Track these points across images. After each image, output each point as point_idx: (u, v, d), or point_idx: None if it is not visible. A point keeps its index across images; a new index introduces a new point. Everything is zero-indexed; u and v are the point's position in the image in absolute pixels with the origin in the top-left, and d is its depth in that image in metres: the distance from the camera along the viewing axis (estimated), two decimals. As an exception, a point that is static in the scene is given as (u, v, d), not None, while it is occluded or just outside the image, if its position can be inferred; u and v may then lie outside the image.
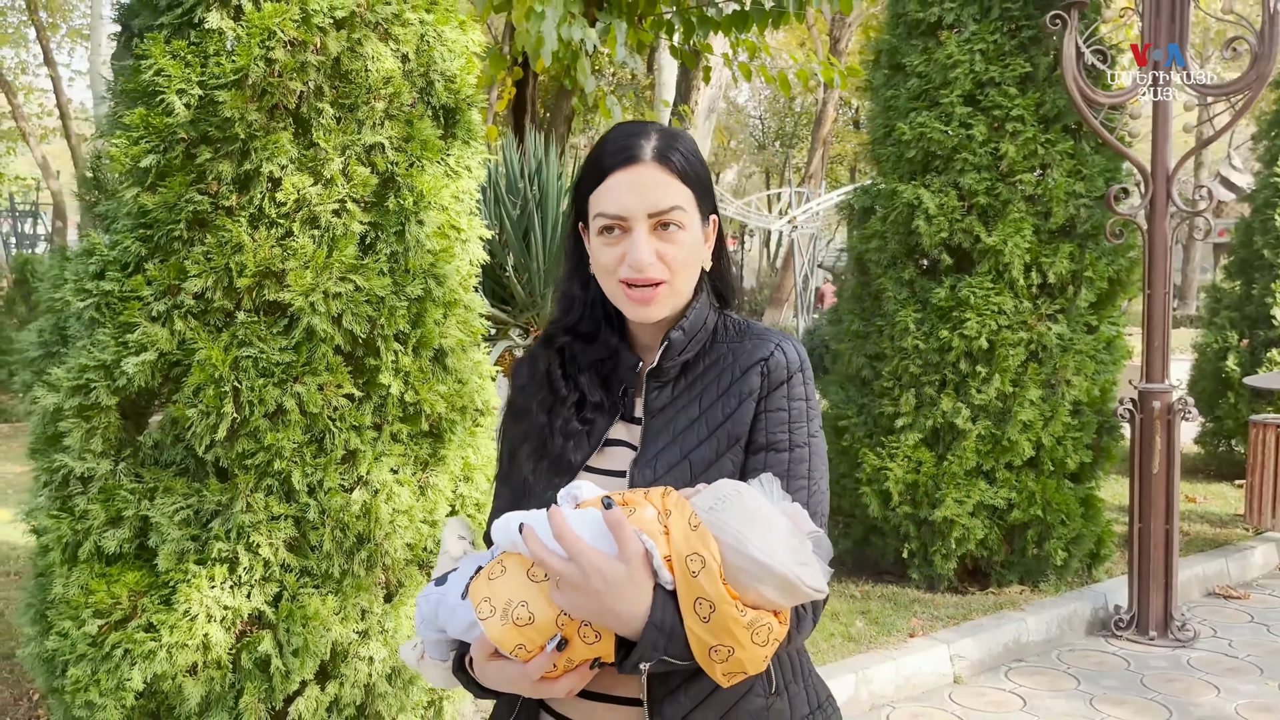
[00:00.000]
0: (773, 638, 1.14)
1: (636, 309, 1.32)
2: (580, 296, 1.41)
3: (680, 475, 1.29)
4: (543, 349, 1.44)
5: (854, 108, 27.62)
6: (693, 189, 1.32)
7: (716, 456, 1.30)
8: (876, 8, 17.28)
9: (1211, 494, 7.31)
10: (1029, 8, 4.85)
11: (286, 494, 2.47)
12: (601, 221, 1.31)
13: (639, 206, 1.29)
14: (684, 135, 1.36)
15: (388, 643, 2.60)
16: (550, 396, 1.39)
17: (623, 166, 1.30)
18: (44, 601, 2.54)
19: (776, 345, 1.34)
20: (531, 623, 1.15)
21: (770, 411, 1.32)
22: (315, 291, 2.44)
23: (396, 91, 2.60)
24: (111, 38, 2.93)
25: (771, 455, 1.31)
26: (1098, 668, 4.28)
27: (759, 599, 1.13)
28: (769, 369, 1.33)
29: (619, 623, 1.15)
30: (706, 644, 1.13)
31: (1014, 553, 4.89)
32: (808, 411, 1.33)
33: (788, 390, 1.33)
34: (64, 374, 2.41)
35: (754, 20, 6.68)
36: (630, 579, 1.13)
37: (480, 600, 1.17)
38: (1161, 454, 4.50)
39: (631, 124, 1.36)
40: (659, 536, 1.15)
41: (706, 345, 1.37)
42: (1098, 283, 4.85)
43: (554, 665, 1.17)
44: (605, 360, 1.40)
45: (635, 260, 1.28)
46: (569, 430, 1.36)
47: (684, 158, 1.32)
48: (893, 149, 5.07)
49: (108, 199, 2.65)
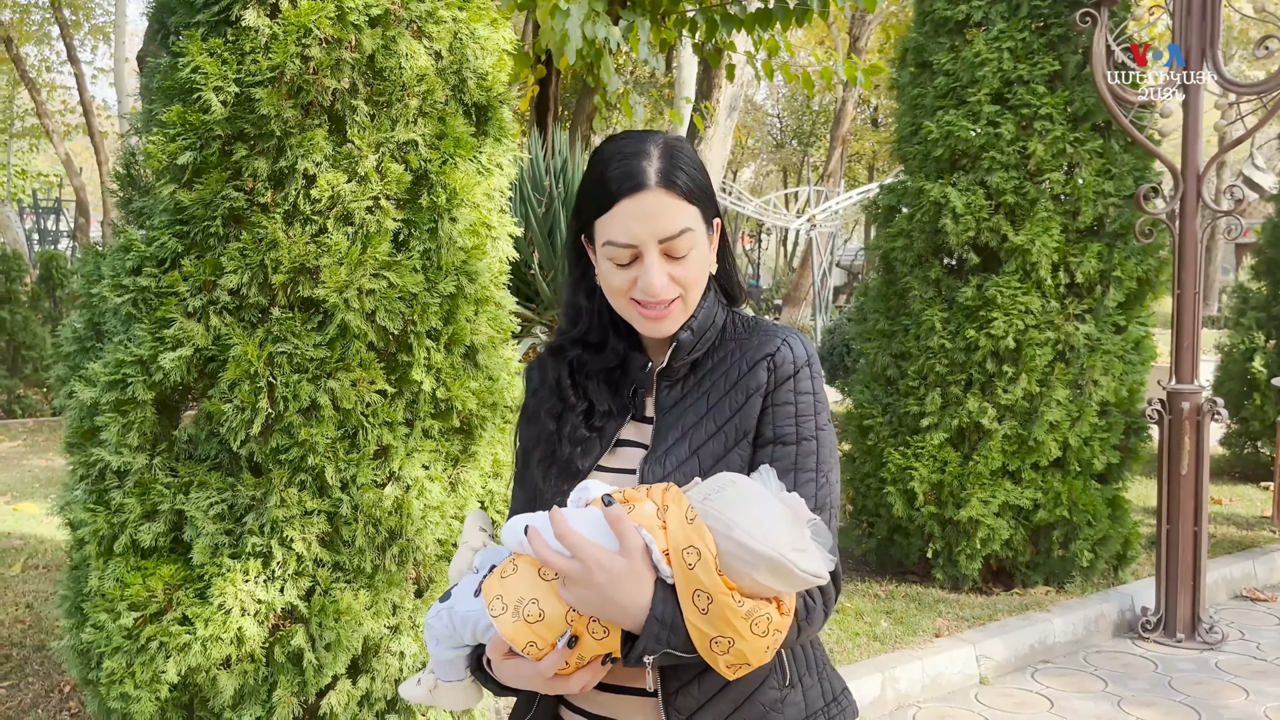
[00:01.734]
0: (773, 628, 1.15)
1: (650, 326, 1.34)
2: (586, 306, 1.42)
3: (689, 471, 1.31)
4: (552, 359, 1.46)
5: (873, 106, 27.52)
6: (698, 205, 1.33)
7: (725, 451, 1.32)
8: (897, 6, 17.21)
9: (1237, 496, 7.25)
10: (1058, 5, 4.82)
11: (319, 489, 2.48)
12: (611, 250, 1.31)
13: (649, 234, 1.29)
14: (683, 147, 1.36)
15: (419, 638, 2.61)
16: (560, 404, 1.42)
17: (629, 195, 1.29)
18: (79, 594, 2.56)
19: (783, 341, 1.35)
20: (542, 619, 1.17)
21: (777, 406, 1.33)
22: (349, 288, 2.45)
23: (430, 89, 2.61)
24: (135, 35, 2.94)
25: (779, 449, 1.32)
26: (1125, 669, 4.25)
27: (755, 586, 1.14)
28: (775, 364, 1.34)
29: (623, 615, 1.16)
30: (707, 635, 1.14)
31: (1039, 553, 4.86)
32: (815, 405, 1.34)
33: (794, 384, 1.34)
34: (101, 369, 2.43)
35: (778, 18, 6.66)
36: (631, 571, 1.15)
37: (493, 598, 1.20)
38: (1190, 455, 4.46)
39: (629, 141, 1.34)
40: (658, 531, 1.17)
41: (715, 343, 1.39)
42: (1126, 282, 4.81)
43: (566, 662, 1.19)
44: (614, 368, 1.42)
45: (648, 286, 1.30)
46: (577, 437, 1.38)
47: (687, 175, 1.32)
48: (919, 147, 5.04)
49: (143, 195, 2.67)
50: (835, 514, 1.34)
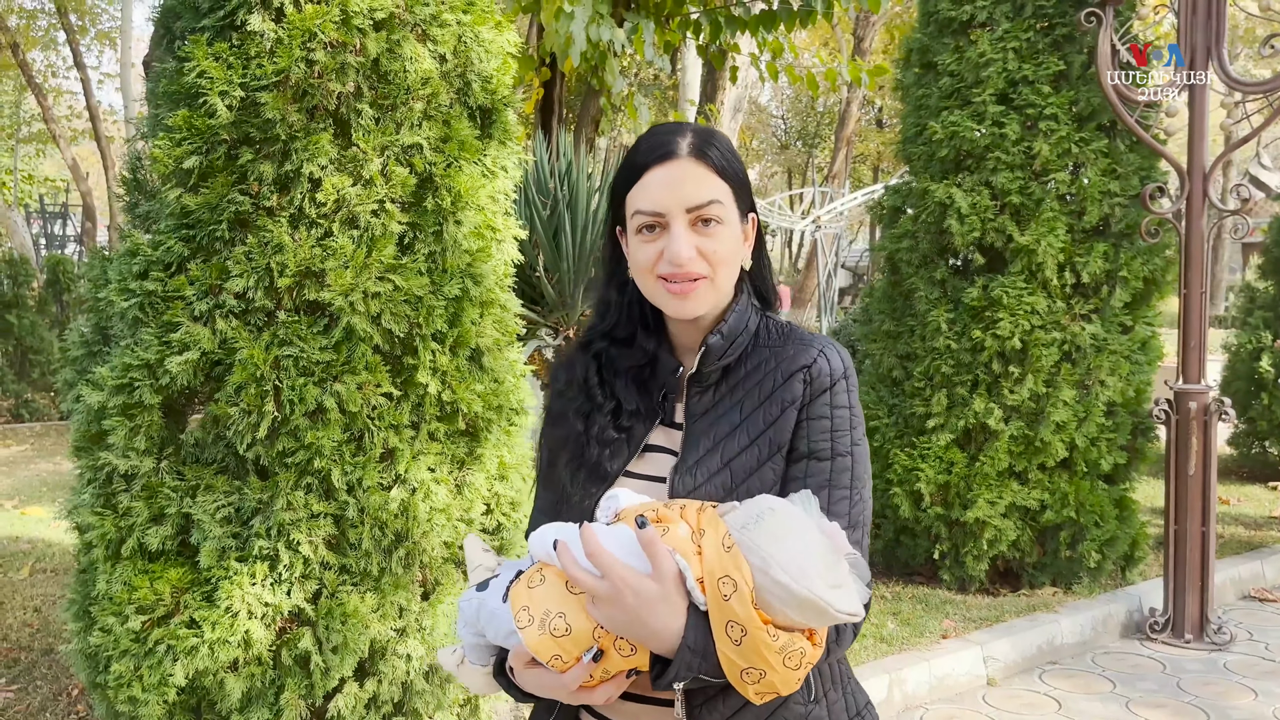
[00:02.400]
0: (805, 660, 1.13)
1: (676, 303, 1.30)
2: (617, 300, 1.40)
3: (721, 483, 1.28)
4: (579, 354, 1.43)
5: (877, 107, 27.50)
6: (730, 184, 1.31)
7: (758, 465, 1.29)
8: (901, 7, 17.20)
9: (1245, 496, 7.22)
10: (1062, 5, 4.81)
11: (326, 492, 2.48)
12: (639, 220, 1.30)
13: (676, 201, 1.28)
14: (720, 134, 1.35)
15: (425, 641, 2.61)
16: (587, 403, 1.39)
17: (659, 163, 1.29)
18: (87, 598, 2.57)
19: (820, 352, 1.32)
20: (568, 634, 1.15)
21: (812, 419, 1.30)
22: (355, 291, 2.46)
23: (434, 92, 2.61)
24: (141, 40, 2.96)
25: (813, 464, 1.29)
26: (1133, 670, 4.24)
27: (789, 621, 1.11)
28: (812, 376, 1.31)
29: (654, 639, 1.14)
30: (739, 666, 1.12)
31: (1046, 554, 4.85)
32: (850, 420, 1.31)
33: (830, 398, 1.30)
34: (108, 373, 2.44)
35: (781, 19, 6.66)
36: (663, 597, 1.13)
37: (519, 608, 1.18)
38: (1198, 455, 4.45)
39: (667, 124, 1.35)
40: (691, 556, 1.14)
41: (748, 349, 1.35)
42: (1132, 282, 4.80)
43: (590, 676, 1.17)
44: (643, 366, 1.39)
45: (674, 254, 1.27)
46: (605, 438, 1.35)
47: (721, 154, 1.31)
48: (924, 148, 5.04)
49: (149, 200, 2.68)
50: (867, 531, 1.32)
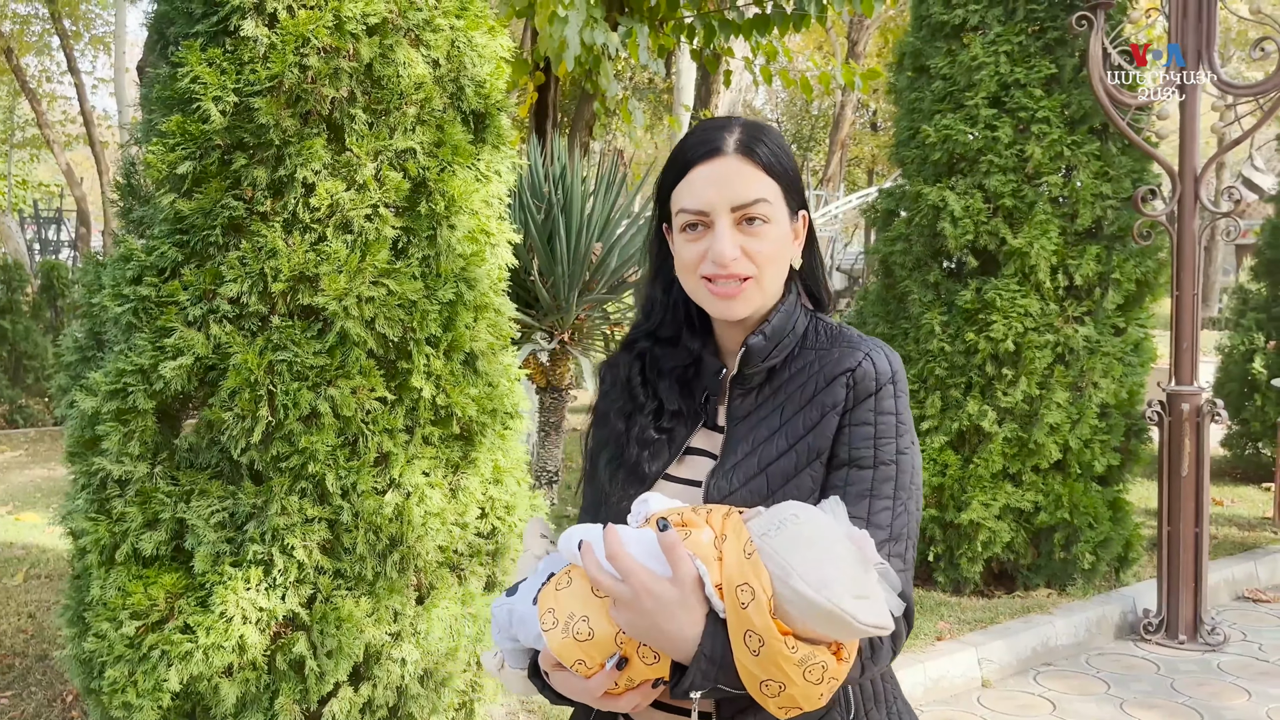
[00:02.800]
0: (828, 675, 1.08)
1: (719, 304, 1.27)
2: (662, 300, 1.37)
3: (757, 489, 1.24)
4: (623, 354, 1.41)
5: (871, 110, 27.55)
6: (779, 182, 1.27)
7: (796, 471, 1.24)
8: (895, 10, 17.24)
9: (1239, 497, 7.24)
10: (1054, 9, 4.83)
11: (320, 496, 2.49)
12: (684, 217, 1.27)
13: (721, 199, 1.24)
14: (771, 128, 1.31)
15: (420, 645, 2.61)
16: (629, 403, 1.36)
17: (704, 160, 1.26)
18: (81, 603, 2.57)
19: (866, 355, 1.27)
20: (591, 639, 1.14)
21: (855, 425, 1.25)
22: (348, 296, 2.46)
23: (428, 97, 2.62)
24: (135, 45, 2.96)
25: (854, 472, 1.24)
26: (1127, 671, 4.25)
27: (811, 633, 1.07)
28: (855, 380, 1.25)
29: (670, 645, 1.12)
30: (757, 677, 1.08)
31: (1040, 556, 4.86)
32: (897, 426, 1.26)
33: (875, 403, 1.25)
34: (102, 378, 2.44)
35: (775, 23, 6.68)
36: (681, 602, 1.10)
37: (545, 610, 1.17)
38: (1191, 456, 4.46)
39: (716, 119, 1.32)
40: (712, 562, 1.11)
41: (794, 351, 1.31)
42: (1125, 284, 4.82)
43: (615, 683, 1.15)
44: (687, 366, 1.36)
45: (718, 254, 1.24)
46: (645, 439, 1.33)
47: (770, 150, 1.27)
48: (917, 151, 5.06)
49: (143, 205, 2.68)
50: (913, 544, 1.26)
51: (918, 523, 1.28)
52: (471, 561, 2.77)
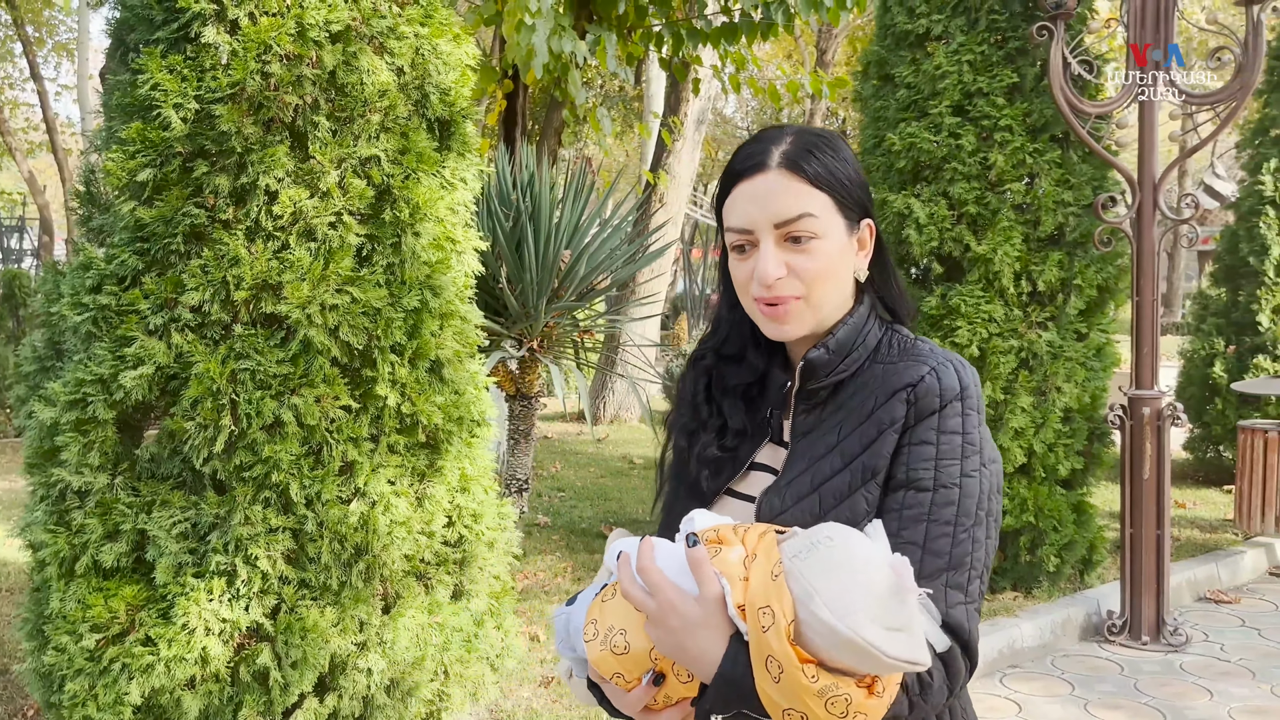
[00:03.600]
0: (854, 710, 1.01)
1: (771, 326, 1.24)
2: (727, 317, 1.35)
3: (809, 508, 1.19)
4: (690, 369, 1.39)
5: (840, 119, 27.77)
6: (831, 194, 1.22)
7: (850, 491, 1.19)
8: (863, 19, 17.39)
9: (1201, 499, 7.35)
10: (1015, 19, 4.90)
11: (284, 506, 2.47)
12: (730, 237, 1.24)
13: (763, 217, 1.20)
14: (827, 136, 1.26)
15: (386, 654, 2.60)
16: (693, 421, 1.34)
17: (748, 176, 1.22)
18: (41, 616, 2.53)
19: (930, 370, 1.19)
20: (627, 652, 1.12)
21: (914, 445, 1.18)
22: (312, 304, 2.45)
23: (392, 104, 2.61)
24: (100, 51, 2.94)
25: (911, 494, 1.17)
26: (1092, 673, 4.30)
27: (838, 663, 1.01)
28: (916, 396, 1.18)
29: (694, 665, 1.09)
30: (779, 705, 1.03)
31: (1007, 559, 4.91)
32: (962, 447, 1.17)
33: (939, 422, 1.18)
34: (61, 388, 2.41)
35: (743, 32, 6.72)
36: (705, 622, 1.07)
37: (590, 621, 1.16)
38: (1152, 460, 4.53)
39: (769, 129, 1.27)
40: (738, 581, 1.07)
41: (864, 365, 1.25)
42: (1087, 290, 4.89)
43: (654, 699, 1.13)
44: (752, 384, 1.33)
45: (762, 274, 1.20)
46: (706, 457, 1.31)
47: (820, 161, 1.22)
48: (883, 159, 5.10)
49: (103, 213, 2.66)
50: (980, 572, 1.17)
51: (989, 552, 1.19)
52: (438, 570, 2.76)
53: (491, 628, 2.92)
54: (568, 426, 10.83)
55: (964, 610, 1.15)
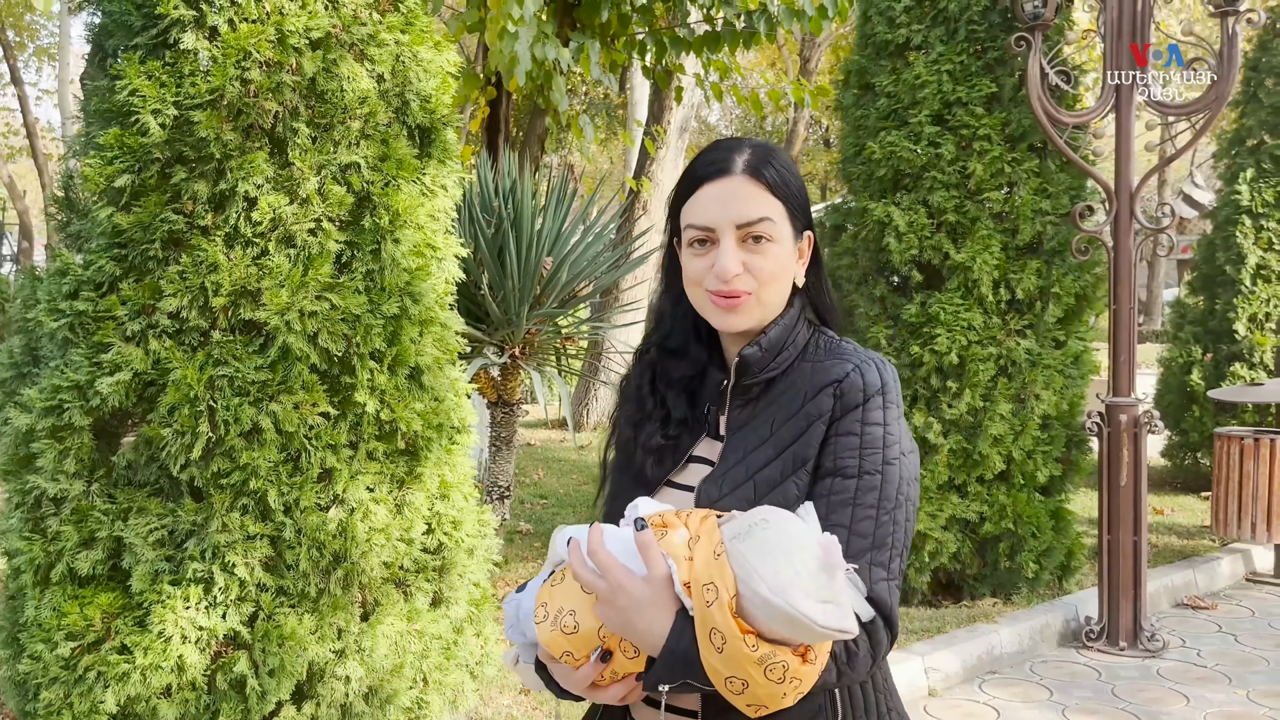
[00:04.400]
0: (791, 675, 1.11)
1: (720, 316, 1.33)
2: (671, 312, 1.44)
3: (744, 495, 1.28)
4: (634, 364, 1.48)
5: (824, 126, 27.89)
6: (784, 203, 1.33)
7: (782, 478, 1.28)
8: (845, 28, 17.49)
9: (1179, 506, 7.41)
10: (994, 30, 4.95)
11: (262, 513, 2.46)
12: (691, 233, 1.33)
13: (727, 217, 1.30)
14: (779, 153, 1.37)
15: (364, 662, 2.59)
16: (638, 412, 1.43)
17: (713, 179, 1.32)
18: (16, 624, 2.51)
19: (855, 367, 1.30)
20: (576, 632, 1.20)
21: (840, 436, 1.27)
22: (291, 310, 2.45)
23: (372, 111, 2.62)
24: (81, 57, 2.93)
25: (838, 481, 1.26)
26: (1070, 678, 4.33)
27: (775, 634, 1.10)
28: (842, 391, 1.28)
29: (642, 640, 1.17)
30: (721, 674, 1.12)
31: (986, 565, 4.94)
32: (884, 438, 1.27)
33: (862, 414, 1.27)
34: (36, 394, 2.39)
35: (725, 41, 6.75)
36: (653, 600, 1.15)
37: (539, 604, 1.24)
38: (1129, 466, 4.57)
39: (728, 139, 1.37)
40: (683, 561, 1.16)
41: (793, 363, 1.35)
42: (1065, 298, 4.93)
43: (601, 675, 1.21)
44: (694, 377, 1.42)
45: (721, 269, 1.29)
46: (651, 446, 1.39)
47: (777, 172, 1.32)
48: (863, 167, 5.14)
49: (81, 219, 2.64)
50: (899, 551, 1.27)
51: (907, 533, 1.29)
52: (418, 578, 2.76)
53: (471, 635, 2.91)
54: (550, 433, 10.82)
55: (886, 586, 1.24)
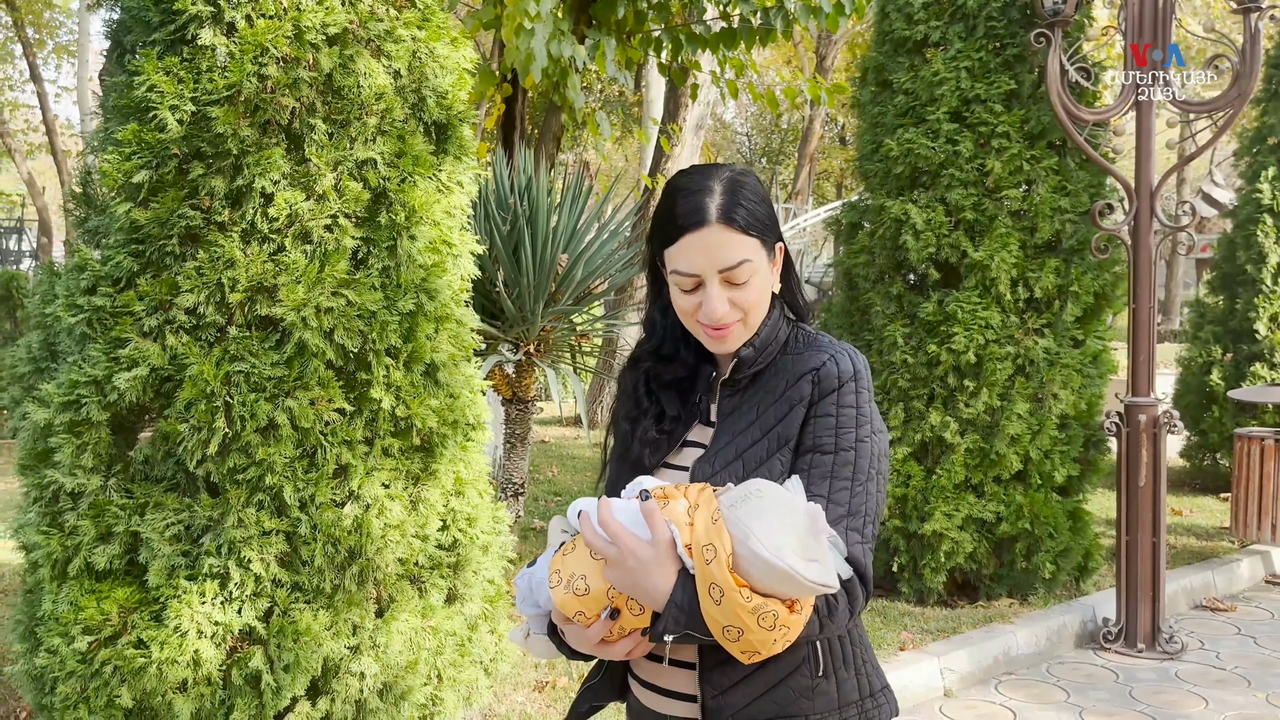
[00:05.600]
0: (780, 623, 1.26)
1: (715, 344, 1.50)
2: (661, 321, 1.60)
3: (734, 472, 1.44)
4: (630, 369, 1.63)
5: (840, 124, 27.79)
6: (758, 236, 1.46)
7: (768, 456, 1.44)
8: (863, 25, 17.42)
9: (1197, 507, 7.35)
10: (1013, 26, 4.91)
11: (278, 509, 2.46)
12: (677, 278, 1.47)
13: (710, 266, 1.44)
14: (745, 183, 1.48)
15: (379, 658, 2.59)
16: (634, 410, 1.59)
17: (692, 230, 1.44)
18: (33, 618, 2.53)
19: (830, 356, 1.47)
20: (587, 594, 1.34)
21: (819, 417, 1.44)
22: (307, 306, 2.45)
23: (389, 107, 2.61)
24: (100, 54, 2.94)
25: (817, 457, 1.43)
26: (1087, 680, 4.29)
27: (767, 588, 1.25)
28: (820, 378, 1.45)
29: (649, 598, 1.31)
30: (719, 623, 1.27)
31: (1002, 566, 4.90)
32: (856, 418, 1.44)
33: (837, 398, 1.44)
34: (54, 389, 2.40)
35: (742, 38, 6.72)
36: (658, 561, 1.30)
37: (553, 571, 1.38)
38: (1148, 467, 4.53)
39: (695, 176, 1.48)
40: (684, 527, 1.31)
41: (776, 357, 1.51)
42: (1083, 297, 4.89)
43: (610, 631, 1.35)
44: (684, 378, 1.58)
45: (709, 313, 1.45)
46: (647, 439, 1.56)
47: (746, 210, 1.45)
48: (880, 165, 5.11)
49: (99, 214, 2.65)
50: (871, 519, 1.43)
51: (879, 503, 1.46)
52: (432, 574, 2.76)
53: (485, 632, 2.91)
54: (564, 431, 10.83)
55: (861, 548, 1.40)
